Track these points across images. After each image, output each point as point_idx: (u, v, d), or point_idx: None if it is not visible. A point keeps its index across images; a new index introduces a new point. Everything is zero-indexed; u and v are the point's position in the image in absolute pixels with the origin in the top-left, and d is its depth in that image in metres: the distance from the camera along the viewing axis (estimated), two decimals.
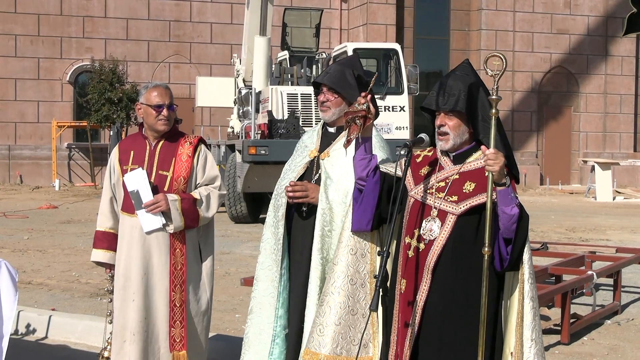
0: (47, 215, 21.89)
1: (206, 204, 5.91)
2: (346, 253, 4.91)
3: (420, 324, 4.52)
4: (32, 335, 8.82)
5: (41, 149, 34.33)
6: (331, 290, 4.90)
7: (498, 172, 4.31)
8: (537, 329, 4.53)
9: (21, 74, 34.25)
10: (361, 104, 4.68)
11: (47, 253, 14.81)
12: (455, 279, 4.48)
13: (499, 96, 4.41)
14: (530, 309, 4.50)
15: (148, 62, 35.53)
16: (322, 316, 4.88)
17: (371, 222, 4.80)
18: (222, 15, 36.24)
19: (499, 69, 4.45)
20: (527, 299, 4.50)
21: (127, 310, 5.89)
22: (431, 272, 4.50)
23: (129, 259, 5.88)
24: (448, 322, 4.49)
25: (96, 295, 10.92)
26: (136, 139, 6.08)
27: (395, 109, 22.39)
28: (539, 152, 38.92)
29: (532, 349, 4.50)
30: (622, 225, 21.24)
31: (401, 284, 4.62)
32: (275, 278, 5.50)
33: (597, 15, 39.37)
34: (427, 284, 4.51)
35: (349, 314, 4.86)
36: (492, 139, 4.37)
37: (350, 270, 4.89)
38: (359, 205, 4.81)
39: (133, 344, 5.85)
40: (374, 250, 4.92)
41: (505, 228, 4.38)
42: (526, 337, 4.50)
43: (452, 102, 4.52)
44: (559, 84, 39.16)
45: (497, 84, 4.41)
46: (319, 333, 4.86)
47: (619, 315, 10.26)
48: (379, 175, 4.77)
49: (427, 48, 37.50)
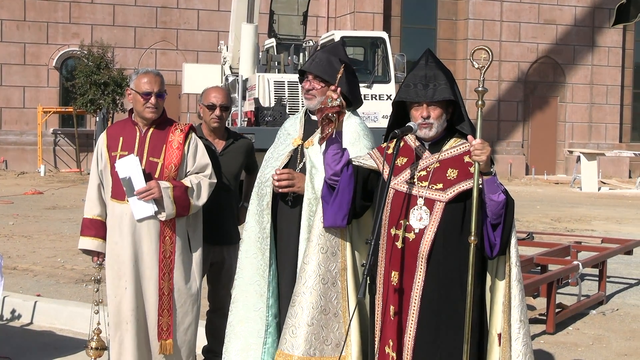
0: (32, 201, 21.82)
1: (197, 192, 5.88)
2: (317, 252, 4.84)
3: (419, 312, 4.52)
4: (17, 321, 8.81)
5: (27, 135, 34.22)
6: (302, 290, 4.83)
7: (485, 162, 4.33)
8: (524, 311, 4.56)
9: (7, 59, 34.11)
10: (334, 100, 4.57)
11: (33, 239, 14.76)
12: (448, 266, 4.49)
13: (485, 88, 4.42)
14: (518, 291, 4.53)
15: (135, 49, 35.43)
16: (294, 317, 4.81)
17: (347, 217, 4.74)
18: (209, 2, 36.16)
19: (486, 62, 4.45)
20: (515, 281, 4.53)
21: (121, 297, 5.87)
22: (426, 260, 4.50)
23: (119, 246, 5.85)
24: (445, 308, 4.50)
25: (81, 281, 10.90)
26: (125, 125, 6.04)
27: (382, 97, 22.42)
28: (525, 142, 38.99)
29: (521, 329, 4.52)
30: (607, 216, 21.30)
31: (392, 275, 4.60)
32: (260, 266, 5.46)
33: (584, 5, 39.43)
34: (423, 272, 4.51)
35: (321, 314, 4.80)
36: (479, 129, 4.39)
37: (321, 270, 4.82)
38: (334, 200, 4.74)
39: (127, 332, 5.84)
40: (344, 248, 4.87)
41: (493, 214, 4.40)
42: (514, 318, 4.52)
43: (440, 91, 4.52)
44: (546, 74, 39.23)
45: (484, 76, 4.41)
46: (292, 334, 4.79)
47: (604, 306, 10.29)
48: (352, 169, 4.73)
49: (415, 37, 37.47)
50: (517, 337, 4.52)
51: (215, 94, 6.59)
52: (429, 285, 4.51)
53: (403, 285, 4.56)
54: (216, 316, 6.71)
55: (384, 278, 4.64)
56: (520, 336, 4.52)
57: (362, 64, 23.32)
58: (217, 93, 6.61)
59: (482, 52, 4.50)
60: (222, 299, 6.65)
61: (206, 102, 6.55)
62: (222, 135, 6.64)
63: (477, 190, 4.38)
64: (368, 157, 4.81)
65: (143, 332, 5.88)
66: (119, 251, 5.84)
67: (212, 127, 6.54)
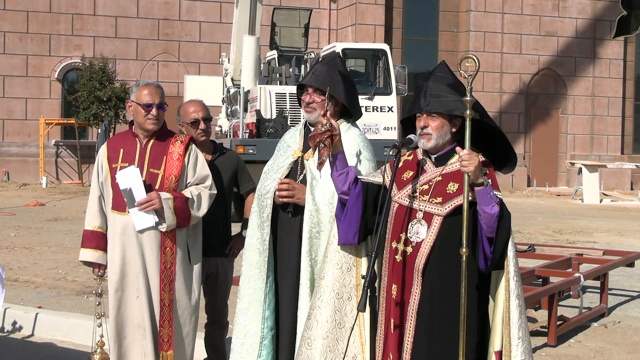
0: (34, 213, 21.83)
1: (197, 203, 5.88)
2: (332, 267, 4.89)
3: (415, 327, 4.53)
4: (18, 333, 8.79)
5: (29, 146, 34.24)
6: (318, 304, 4.89)
7: (474, 173, 4.32)
8: (523, 327, 4.53)
9: (9, 71, 34.17)
10: (324, 125, 4.65)
11: (34, 250, 14.76)
12: (443, 280, 4.48)
13: (473, 97, 4.42)
14: (517, 307, 4.49)
15: (137, 60, 35.48)
16: (310, 329, 4.88)
17: (357, 235, 4.77)
18: (211, 14, 36.21)
19: (472, 71, 4.46)
20: (513, 296, 4.49)
21: (131, 307, 5.86)
22: (421, 274, 4.51)
23: (125, 257, 5.84)
24: (437, 323, 4.49)
25: (83, 293, 10.89)
26: (126, 137, 6.04)
27: (384, 109, 22.46)
28: (527, 154, 38.97)
29: (520, 347, 4.48)
30: (609, 228, 21.28)
31: (392, 289, 4.61)
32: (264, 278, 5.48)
33: (585, 17, 39.47)
34: (419, 286, 4.52)
35: (336, 328, 4.84)
36: (467, 140, 4.41)
37: (336, 285, 4.88)
38: (344, 218, 4.78)
39: (144, 338, 5.82)
40: (359, 263, 4.91)
41: (487, 227, 4.39)
42: (513, 335, 4.48)
43: (436, 103, 4.54)
44: (547, 86, 39.24)
45: (471, 85, 4.43)
46: (307, 346, 4.86)
47: (605, 318, 10.27)
48: (360, 187, 4.76)
49: (416, 49, 37.53)
50: (516, 356, 4.47)
51: (194, 109, 6.53)
52: (425, 299, 4.52)
53: (403, 298, 4.57)
54: (214, 328, 6.71)
55: (386, 291, 4.66)
56: (518, 354, 4.47)
57: (363, 76, 23.37)
58: (195, 107, 6.55)
59: (469, 60, 4.52)
60: (220, 311, 6.66)
61: (188, 120, 6.48)
62: (208, 148, 6.57)
63: (467, 201, 4.38)
64: (378, 174, 4.85)
65: (147, 343, 5.86)
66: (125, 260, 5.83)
67: (199, 141, 6.44)
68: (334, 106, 5.42)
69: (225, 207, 6.58)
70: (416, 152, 4.77)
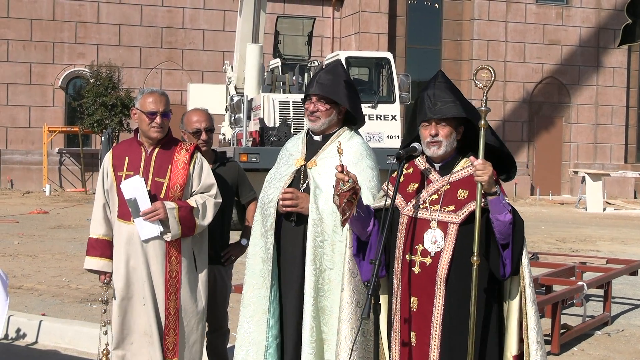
0: (37, 220, 21.84)
1: (202, 212, 5.87)
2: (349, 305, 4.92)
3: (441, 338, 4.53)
4: (22, 340, 8.80)
5: (32, 154, 34.28)
6: (342, 317, 4.92)
7: (487, 182, 4.32)
8: (539, 332, 4.57)
9: (13, 79, 34.20)
10: (346, 182, 4.42)
11: (38, 258, 14.77)
12: (463, 288, 4.47)
13: (488, 108, 4.43)
14: (534, 312, 4.53)
15: (140, 69, 35.52)
16: (339, 346, 4.90)
17: (384, 268, 4.74)
18: (214, 22, 36.25)
19: (488, 81, 4.46)
20: (530, 302, 4.52)
21: (137, 314, 5.86)
22: (444, 284, 4.50)
23: (130, 266, 5.85)
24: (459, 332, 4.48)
25: (86, 300, 10.90)
26: (131, 145, 6.04)
27: (387, 117, 22.47)
28: (530, 162, 38.98)
29: (538, 351, 4.53)
30: (612, 236, 21.26)
31: (412, 301, 4.59)
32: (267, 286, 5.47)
33: (589, 26, 39.49)
34: (442, 297, 4.51)
35: (361, 336, 4.87)
36: (481, 150, 4.40)
37: (355, 294, 4.92)
38: (368, 256, 4.75)
39: (152, 345, 5.82)
40: None
41: (501, 234, 4.40)
42: (532, 339, 4.52)
43: (449, 109, 4.53)
44: (551, 95, 39.25)
45: (486, 95, 4.43)
46: None
47: (609, 326, 10.27)
48: (378, 224, 4.71)
49: (419, 57, 37.55)
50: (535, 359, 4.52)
51: (197, 118, 6.54)
52: (449, 310, 4.51)
53: (425, 311, 4.56)
54: (215, 336, 6.71)
55: (401, 305, 4.63)
56: (537, 357, 4.52)
57: (366, 84, 23.38)
58: (198, 117, 6.56)
59: (485, 71, 4.52)
60: (220, 319, 6.67)
61: (190, 129, 6.49)
62: (209, 158, 6.54)
63: (480, 210, 4.37)
64: (382, 194, 4.84)
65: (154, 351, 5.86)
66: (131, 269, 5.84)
67: (201, 151, 6.45)
68: (338, 114, 5.43)
69: (223, 217, 6.56)
70: (414, 163, 4.76)
